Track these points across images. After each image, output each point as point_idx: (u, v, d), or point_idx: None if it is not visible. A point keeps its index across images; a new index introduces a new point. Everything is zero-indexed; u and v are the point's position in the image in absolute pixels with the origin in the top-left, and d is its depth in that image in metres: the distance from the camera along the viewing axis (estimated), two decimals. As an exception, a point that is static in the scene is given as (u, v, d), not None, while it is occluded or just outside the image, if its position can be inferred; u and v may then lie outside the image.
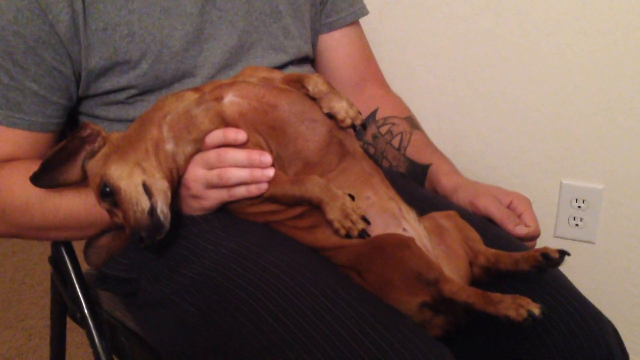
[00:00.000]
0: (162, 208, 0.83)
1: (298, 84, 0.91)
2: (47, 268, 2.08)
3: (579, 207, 1.56)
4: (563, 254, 0.78)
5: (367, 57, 1.25)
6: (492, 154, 1.62)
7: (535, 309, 0.70)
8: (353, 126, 0.89)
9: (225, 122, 0.87)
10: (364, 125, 0.91)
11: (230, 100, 0.87)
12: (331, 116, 0.89)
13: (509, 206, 1.00)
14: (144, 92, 0.98)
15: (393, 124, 1.15)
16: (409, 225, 0.86)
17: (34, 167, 0.86)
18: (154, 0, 0.95)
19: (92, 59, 0.93)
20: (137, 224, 0.81)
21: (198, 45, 0.99)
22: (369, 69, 1.25)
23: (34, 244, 2.36)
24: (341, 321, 0.73)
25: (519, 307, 0.71)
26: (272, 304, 0.77)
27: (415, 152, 1.12)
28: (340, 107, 0.88)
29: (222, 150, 0.86)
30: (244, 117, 0.86)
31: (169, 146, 0.86)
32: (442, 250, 0.86)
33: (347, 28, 1.21)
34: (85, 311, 1.07)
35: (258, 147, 0.86)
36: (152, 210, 0.82)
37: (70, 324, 1.26)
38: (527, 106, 1.54)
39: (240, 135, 0.86)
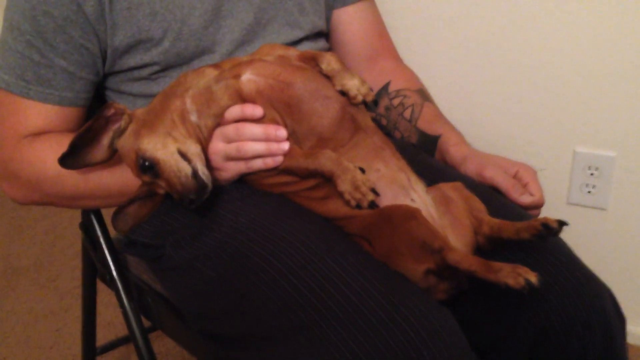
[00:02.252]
0: (203, 169, 0.87)
1: (312, 61, 0.94)
2: (77, 231, 2.17)
3: (592, 174, 1.58)
4: (562, 223, 0.80)
5: (380, 31, 1.27)
6: (506, 122, 1.62)
7: (533, 277, 0.74)
8: (365, 103, 0.93)
9: (243, 99, 0.90)
10: (375, 102, 0.94)
11: (248, 78, 0.91)
12: (343, 93, 0.92)
13: (515, 176, 1.02)
14: (166, 68, 1.01)
15: (405, 96, 1.17)
16: (417, 195, 0.89)
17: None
18: None
19: (117, 37, 0.97)
20: (184, 189, 0.86)
21: (216, 23, 1.02)
22: (382, 42, 1.26)
23: (64, 209, 2.44)
24: (350, 286, 0.78)
25: (517, 275, 0.74)
26: (286, 269, 0.81)
27: (426, 124, 1.14)
28: (352, 85, 0.91)
29: (240, 125, 0.90)
30: (261, 94, 0.90)
31: (193, 118, 0.90)
32: (448, 219, 0.89)
33: (360, 3, 1.22)
34: (114, 274, 1.13)
35: (274, 122, 0.90)
36: (195, 173, 0.86)
37: (100, 285, 1.32)
38: (541, 75, 1.54)
39: (257, 111, 0.90)
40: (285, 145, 0.89)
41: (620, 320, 0.89)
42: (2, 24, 0.98)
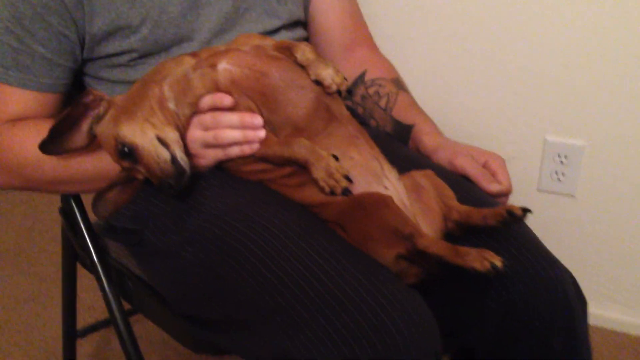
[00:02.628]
0: (181, 155, 0.89)
1: (288, 51, 0.95)
2: (55, 216, 2.16)
3: (562, 162, 1.62)
4: (525, 211, 0.84)
5: (358, 21, 1.28)
6: (480, 110, 1.65)
7: (498, 261, 0.78)
8: (339, 92, 0.94)
9: (218, 88, 0.92)
10: (349, 91, 0.96)
11: (224, 67, 0.92)
12: (318, 83, 0.93)
13: (484, 165, 1.05)
14: (145, 55, 1.02)
15: (380, 85, 1.19)
16: (390, 183, 0.92)
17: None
18: None
19: (95, 24, 0.98)
20: (164, 174, 0.88)
21: (195, 11, 1.03)
22: (359, 32, 1.28)
23: (42, 194, 2.43)
24: (324, 270, 0.81)
25: (483, 259, 0.78)
26: (264, 254, 0.84)
27: (401, 113, 1.16)
28: (327, 74, 0.93)
29: (217, 113, 0.92)
30: (236, 84, 0.92)
31: (171, 105, 0.92)
32: (419, 206, 0.92)
33: None
34: (95, 259, 1.14)
35: (250, 111, 0.91)
36: (173, 159, 0.88)
37: (79, 269, 1.33)
38: (514, 65, 1.57)
39: (225, 100, 0.91)
40: (262, 133, 0.91)
41: (582, 302, 0.94)
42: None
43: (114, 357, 1.64)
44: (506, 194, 1.04)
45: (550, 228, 1.69)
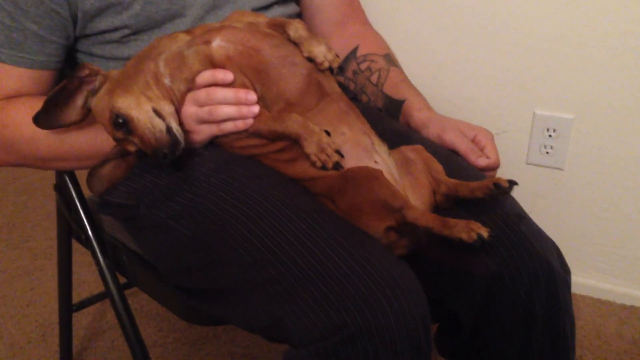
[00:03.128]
0: (176, 127, 0.90)
1: (281, 28, 0.96)
2: (48, 192, 2.17)
3: (550, 136, 1.64)
4: (512, 183, 0.87)
5: None
6: (470, 84, 1.67)
7: (484, 232, 0.80)
8: (330, 69, 0.96)
9: (213, 64, 0.93)
10: (341, 68, 0.97)
11: (218, 44, 0.93)
12: (310, 60, 0.95)
13: (473, 140, 1.07)
14: (137, 31, 1.03)
15: (372, 61, 1.20)
16: (380, 157, 0.94)
17: (39, 102, 0.92)
18: None
19: (87, 0, 0.98)
20: (158, 143, 0.88)
21: None
22: (351, 7, 1.28)
23: (35, 170, 2.43)
24: (315, 241, 0.83)
25: (470, 230, 0.81)
26: (255, 227, 0.86)
27: (392, 88, 1.18)
28: (319, 51, 0.94)
29: (212, 89, 0.93)
30: (231, 60, 0.93)
31: (167, 81, 0.93)
32: (409, 180, 0.94)
33: None
34: (90, 234, 1.16)
35: (244, 87, 0.93)
36: (169, 129, 0.89)
37: (74, 244, 1.35)
38: (503, 40, 1.59)
39: (228, 75, 0.92)
40: (255, 108, 0.92)
41: (565, 272, 0.96)
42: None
43: (110, 330, 1.67)
44: (494, 167, 1.06)
45: (539, 200, 1.73)
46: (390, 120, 1.15)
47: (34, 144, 1.00)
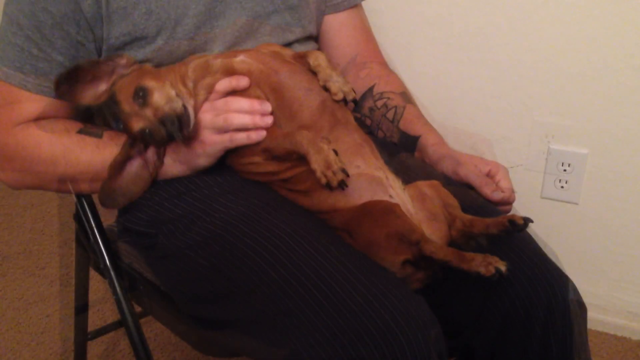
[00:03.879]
0: (191, 111, 0.95)
1: (303, 59, 1.01)
2: (66, 219, 2.20)
3: (565, 170, 1.65)
4: (527, 220, 0.87)
5: (368, 37, 1.32)
6: (485, 118, 1.69)
7: (502, 266, 0.81)
8: (345, 101, 0.99)
9: (234, 74, 0.99)
10: (356, 104, 1.00)
11: (242, 59, 0.99)
12: (326, 89, 0.98)
13: (488, 174, 1.08)
14: (159, 65, 1.05)
15: (388, 98, 1.22)
16: (395, 192, 0.95)
17: (59, 124, 0.97)
18: None
19: (112, 34, 1.01)
20: (171, 110, 0.92)
21: (209, 23, 1.06)
22: (369, 48, 1.31)
23: (52, 197, 2.44)
24: (332, 275, 0.83)
25: (488, 264, 0.82)
26: (273, 259, 0.87)
27: (408, 125, 1.19)
28: (335, 82, 0.98)
29: (229, 98, 0.98)
30: (251, 75, 0.98)
31: (190, 84, 0.98)
32: (424, 214, 0.95)
33: (350, 10, 1.27)
34: (107, 263, 1.16)
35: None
36: (184, 106, 0.94)
37: (90, 272, 1.36)
38: (519, 74, 1.60)
39: (242, 81, 0.98)
40: (269, 119, 0.96)
41: (581, 308, 0.96)
42: (1, 18, 1.02)
43: (124, 358, 1.67)
44: (509, 202, 1.06)
45: (554, 235, 1.72)
46: (407, 154, 1.17)
47: (52, 164, 1.02)
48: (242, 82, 0.98)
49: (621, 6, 1.46)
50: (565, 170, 1.64)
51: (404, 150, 1.18)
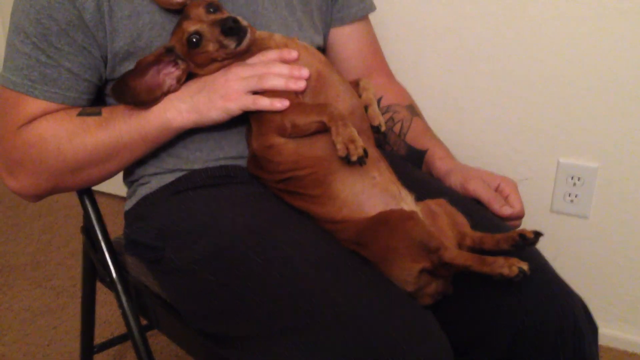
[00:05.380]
0: (249, 35, 0.97)
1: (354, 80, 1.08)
2: (72, 230, 2.20)
3: (574, 184, 1.63)
4: (537, 234, 0.86)
5: (375, 50, 1.32)
6: (494, 131, 1.68)
7: (525, 266, 0.81)
8: (377, 129, 1.02)
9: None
10: (384, 134, 1.02)
11: (300, 42, 1.05)
12: (365, 110, 1.02)
13: (496, 189, 1.07)
14: None
15: (395, 111, 1.22)
16: (407, 206, 0.94)
17: (58, 113, 0.99)
18: None
19: (117, 43, 1.01)
20: (235, 22, 0.95)
21: None
22: (376, 60, 1.31)
23: (60, 207, 2.45)
24: (340, 291, 0.83)
25: (511, 265, 0.81)
26: (279, 275, 0.86)
27: (414, 138, 1.19)
28: (375, 109, 1.04)
29: (272, 61, 0.99)
30: (303, 56, 1.01)
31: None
32: (436, 231, 0.94)
33: (357, 22, 1.27)
34: (115, 276, 1.16)
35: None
36: (248, 27, 0.97)
37: (97, 285, 1.36)
38: (528, 87, 1.60)
39: (292, 53, 1.00)
40: (302, 84, 0.97)
41: (592, 326, 0.95)
42: (8, 27, 1.02)
43: (129, 371, 1.67)
44: (519, 217, 1.05)
45: (564, 249, 1.71)
46: (414, 169, 1.16)
47: (60, 154, 1.01)
48: (292, 54, 0.99)
49: (631, 20, 1.45)
50: (574, 184, 1.63)
51: (411, 163, 1.17)
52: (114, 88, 0.98)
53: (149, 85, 0.99)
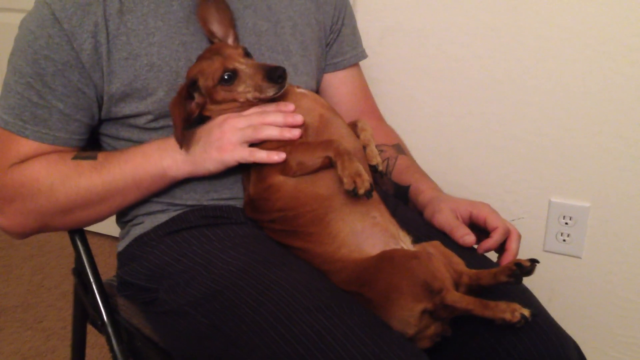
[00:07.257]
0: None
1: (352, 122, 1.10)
2: (64, 272, 2.17)
3: (567, 223, 1.64)
4: (534, 262, 0.86)
5: (365, 94, 1.35)
6: (486, 171, 1.70)
7: (526, 312, 0.82)
8: (375, 168, 1.04)
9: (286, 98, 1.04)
10: (381, 174, 1.05)
11: (302, 90, 1.08)
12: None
13: (470, 217, 1.06)
14: (159, 117, 1.06)
15: (382, 150, 1.23)
16: (406, 247, 0.95)
17: (53, 155, 1.00)
18: (174, 34, 1.04)
19: (113, 84, 1.02)
20: (280, 68, 0.98)
21: None
22: (367, 104, 1.34)
23: (51, 248, 2.43)
24: (333, 334, 0.82)
25: (513, 310, 0.82)
26: (273, 319, 0.85)
27: (398, 175, 1.21)
28: (373, 149, 1.06)
29: (266, 110, 1.00)
30: (305, 101, 1.04)
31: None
32: (438, 273, 0.94)
33: (349, 68, 1.30)
34: (105, 319, 1.14)
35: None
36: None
37: (88, 327, 1.35)
38: (519, 127, 1.62)
39: (289, 105, 1.01)
40: (296, 132, 0.99)
41: (584, 366, 0.94)
42: (7, 66, 1.03)
43: (119, 416, 1.63)
44: (505, 234, 1.04)
45: (557, 289, 1.70)
46: (406, 209, 1.16)
47: (52, 195, 1.01)
48: (289, 107, 1.01)
49: (620, 61, 1.48)
50: (567, 223, 1.64)
51: (399, 201, 1.18)
52: (180, 139, 0.99)
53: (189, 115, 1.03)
